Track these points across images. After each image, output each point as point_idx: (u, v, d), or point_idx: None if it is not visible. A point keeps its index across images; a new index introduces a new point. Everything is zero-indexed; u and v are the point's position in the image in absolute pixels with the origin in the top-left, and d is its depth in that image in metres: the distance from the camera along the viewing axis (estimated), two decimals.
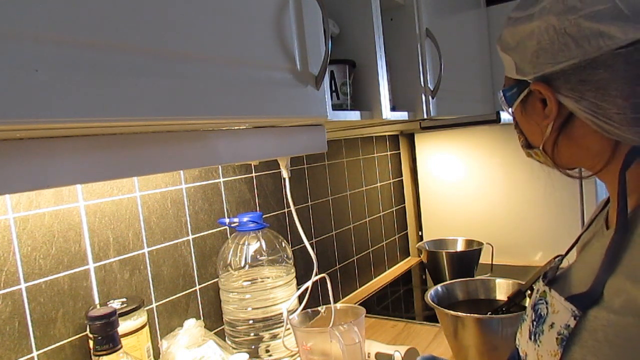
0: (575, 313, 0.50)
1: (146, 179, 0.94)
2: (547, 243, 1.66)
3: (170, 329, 0.96)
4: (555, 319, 0.53)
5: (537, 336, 0.56)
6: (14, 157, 0.40)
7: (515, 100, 0.60)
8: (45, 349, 0.77)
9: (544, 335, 0.54)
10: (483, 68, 1.56)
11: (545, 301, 0.56)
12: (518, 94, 0.59)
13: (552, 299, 0.55)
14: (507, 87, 0.61)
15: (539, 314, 0.57)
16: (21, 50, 0.36)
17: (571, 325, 0.50)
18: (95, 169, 0.47)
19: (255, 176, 1.19)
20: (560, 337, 0.51)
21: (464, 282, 1.11)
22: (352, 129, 1.29)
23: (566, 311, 0.51)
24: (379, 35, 0.95)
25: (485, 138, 1.75)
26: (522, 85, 0.58)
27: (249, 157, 0.66)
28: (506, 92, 0.61)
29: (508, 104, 0.62)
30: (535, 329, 0.56)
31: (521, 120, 0.62)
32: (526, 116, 0.60)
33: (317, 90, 0.68)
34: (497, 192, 1.75)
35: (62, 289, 0.80)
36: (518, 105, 0.60)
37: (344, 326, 0.85)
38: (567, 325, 0.50)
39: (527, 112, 0.60)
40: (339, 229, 1.52)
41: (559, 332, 0.51)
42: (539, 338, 0.55)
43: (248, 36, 0.57)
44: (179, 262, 1.00)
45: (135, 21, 0.44)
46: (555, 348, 0.51)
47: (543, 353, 0.54)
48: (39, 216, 0.77)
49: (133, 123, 0.45)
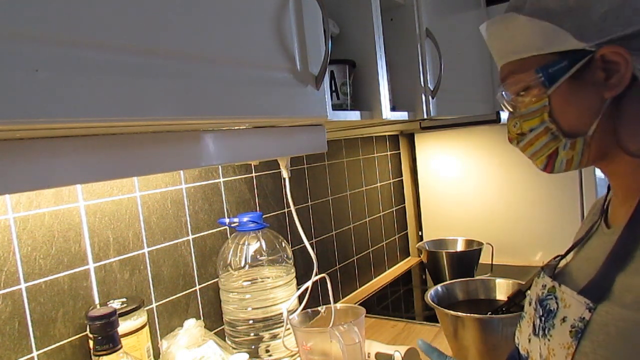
0: (590, 306, 0.50)
1: (146, 179, 0.94)
2: (547, 243, 1.66)
3: (170, 329, 0.96)
4: (567, 313, 0.53)
5: (546, 330, 0.56)
6: (14, 157, 0.40)
7: (563, 77, 0.52)
8: (45, 349, 0.77)
9: (554, 329, 0.54)
10: (483, 68, 1.56)
11: (554, 296, 0.56)
12: (569, 67, 0.52)
13: (562, 294, 0.55)
14: (551, 62, 0.52)
15: (548, 309, 0.57)
16: (21, 50, 0.36)
17: (586, 318, 0.50)
18: (95, 169, 0.47)
19: (255, 176, 1.19)
20: (575, 330, 0.51)
21: (464, 282, 1.11)
22: (352, 129, 1.29)
23: (579, 305, 0.52)
24: (379, 35, 0.95)
25: (485, 138, 1.75)
26: (576, 55, 0.51)
27: (249, 157, 0.66)
28: (550, 68, 0.52)
29: (549, 84, 0.53)
30: (544, 324, 0.57)
31: (563, 103, 0.54)
32: (575, 94, 0.53)
33: (317, 90, 0.68)
34: (497, 192, 1.75)
35: (62, 289, 0.80)
36: (564, 84, 0.53)
37: (344, 326, 0.85)
38: (582, 318, 0.51)
39: (578, 88, 0.52)
40: (339, 229, 1.52)
41: (573, 325, 0.52)
42: (549, 332, 0.55)
43: (248, 36, 0.57)
44: (179, 262, 1.00)
45: (135, 21, 0.44)
46: (569, 340, 0.51)
47: (555, 346, 0.54)
48: (39, 216, 0.77)
49: (133, 123, 0.45)
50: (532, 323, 0.60)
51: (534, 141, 0.57)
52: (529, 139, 0.57)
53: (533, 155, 0.59)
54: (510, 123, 0.60)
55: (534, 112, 0.56)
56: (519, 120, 0.58)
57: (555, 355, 0.53)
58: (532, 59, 0.54)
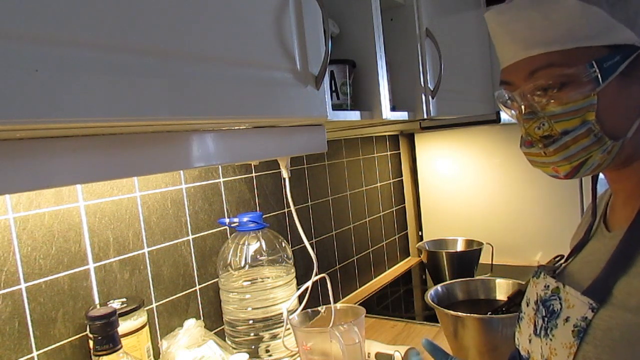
0: (593, 305, 0.50)
1: (146, 179, 0.94)
2: (547, 243, 1.66)
3: (170, 329, 0.96)
4: (570, 313, 0.53)
5: (548, 331, 0.56)
6: (14, 157, 0.40)
7: (614, 73, 0.48)
8: (45, 349, 0.77)
9: (557, 329, 0.54)
10: (483, 68, 1.56)
11: (558, 297, 0.56)
12: (621, 63, 0.47)
13: (566, 294, 0.55)
14: (605, 56, 0.47)
15: (551, 310, 0.56)
16: (21, 50, 0.36)
17: (589, 318, 0.50)
18: (95, 169, 0.47)
19: (255, 176, 1.19)
20: (577, 330, 0.51)
21: (464, 282, 1.11)
22: (352, 129, 1.29)
23: (583, 305, 0.51)
24: (379, 35, 0.95)
25: (485, 138, 1.75)
26: (626, 50, 0.48)
27: (249, 157, 0.66)
28: (605, 62, 0.47)
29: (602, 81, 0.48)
30: (546, 324, 0.57)
31: (612, 102, 0.49)
32: (623, 93, 0.49)
33: (317, 90, 0.68)
34: (497, 192, 1.75)
35: (62, 289, 0.80)
36: (614, 81, 0.48)
37: (344, 326, 0.85)
38: (585, 318, 0.51)
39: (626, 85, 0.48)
40: (339, 229, 1.52)
41: (575, 325, 0.52)
42: (551, 332, 0.55)
43: (248, 36, 0.57)
44: (179, 262, 1.00)
45: (135, 21, 0.44)
46: (571, 340, 0.51)
47: (556, 346, 0.54)
48: (39, 216, 0.77)
49: (133, 123, 0.45)
50: (533, 323, 0.60)
51: (570, 144, 0.51)
52: (564, 142, 0.51)
53: (565, 159, 0.52)
54: (533, 125, 0.53)
55: (576, 111, 0.49)
56: (547, 121, 0.51)
57: (557, 355, 0.53)
58: (578, 51, 0.48)
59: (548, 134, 0.52)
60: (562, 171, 0.54)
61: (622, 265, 0.50)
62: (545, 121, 0.52)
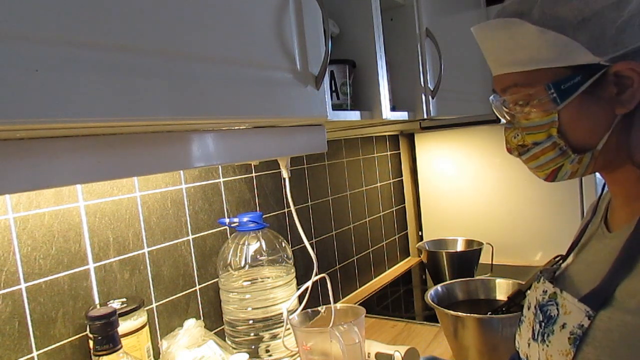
0: (590, 313, 0.50)
1: (146, 179, 0.94)
2: (547, 243, 1.66)
3: (170, 329, 0.96)
4: (567, 320, 0.53)
5: (545, 336, 0.56)
6: (14, 157, 0.40)
7: (575, 92, 0.50)
8: (45, 349, 0.77)
9: (554, 335, 0.54)
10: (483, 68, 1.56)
11: (555, 302, 0.56)
12: (582, 83, 0.49)
13: (563, 300, 0.55)
14: (563, 77, 0.50)
15: (548, 315, 0.56)
16: (21, 50, 0.36)
17: (585, 325, 0.50)
18: (95, 169, 0.47)
19: (255, 176, 1.19)
20: (574, 337, 0.51)
21: (464, 282, 1.11)
22: (352, 129, 1.29)
23: (579, 312, 0.51)
24: (379, 35, 0.95)
25: (485, 138, 1.75)
26: (589, 69, 0.49)
27: (249, 157, 0.66)
28: (562, 84, 0.50)
29: (560, 101, 0.51)
30: (543, 330, 0.56)
31: (574, 119, 0.51)
32: (586, 110, 0.51)
33: (317, 90, 0.68)
34: (497, 192, 1.75)
35: (62, 289, 0.80)
36: (575, 99, 0.50)
37: (344, 326, 0.85)
38: (581, 325, 0.51)
39: (589, 103, 0.50)
40: (339, 229, 1.52)
41: (572, 332, 0.51)
42: (548, 338, 0.55)
43: (248, 36, 0.57)
44: (179, 262, 1.00)
45: (135, 21, 0.44)
46: (568, 347, 0.51)
47: (553, 352, 0.54)
48: (39, 216, 0.77)
49: (133, 123, 0.45)
50: (532, 328, 0.60)
51: (539, 155, 0.55)
52: (534, 153, 0.55)
53: (537, 168, 0.56)
54: (510, 134, 0.58)
55: (541, 126, 0.53)
56: (520, 132, 0.55)
57: None
58: (540, 72, 0.51)
59: (521, 143, 0.56)
60: (540, 176, 0.58)
61: (624, 267, 0.50)
62: (519, 132, 0.56)
